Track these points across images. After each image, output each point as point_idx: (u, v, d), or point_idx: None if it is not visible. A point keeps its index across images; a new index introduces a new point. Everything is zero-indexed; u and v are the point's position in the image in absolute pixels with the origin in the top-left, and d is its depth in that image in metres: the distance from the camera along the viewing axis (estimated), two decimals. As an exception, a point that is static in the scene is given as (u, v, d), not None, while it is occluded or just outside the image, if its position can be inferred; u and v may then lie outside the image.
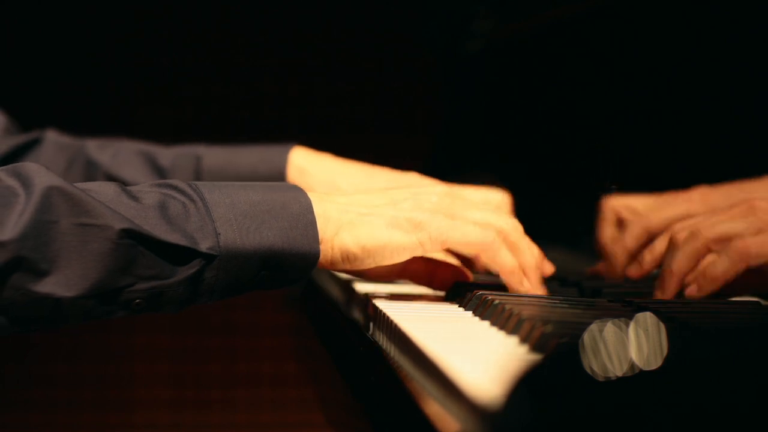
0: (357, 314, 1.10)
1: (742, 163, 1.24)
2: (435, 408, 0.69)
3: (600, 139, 1.44)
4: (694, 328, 0.80)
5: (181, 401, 2.71)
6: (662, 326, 0.55)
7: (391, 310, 0.95)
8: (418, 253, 0.99)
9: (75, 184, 0.91)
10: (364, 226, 0.98)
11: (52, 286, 0.89)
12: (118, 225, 0.90)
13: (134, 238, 0.90)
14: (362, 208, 0.99)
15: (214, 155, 1.32)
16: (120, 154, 1.33)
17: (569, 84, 1.52)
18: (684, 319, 0.84)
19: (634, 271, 1.11)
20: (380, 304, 0.99)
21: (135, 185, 0.96)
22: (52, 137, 1.36)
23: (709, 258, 1.00)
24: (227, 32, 2.66)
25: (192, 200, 0.94)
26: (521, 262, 1.01)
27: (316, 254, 0.96)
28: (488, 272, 1.17)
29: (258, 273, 0.95)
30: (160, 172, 1.32)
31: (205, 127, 2.67)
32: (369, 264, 0.99)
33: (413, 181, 1.21)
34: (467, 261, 1.15)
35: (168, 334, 2.68)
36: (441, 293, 1.09)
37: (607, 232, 1.24)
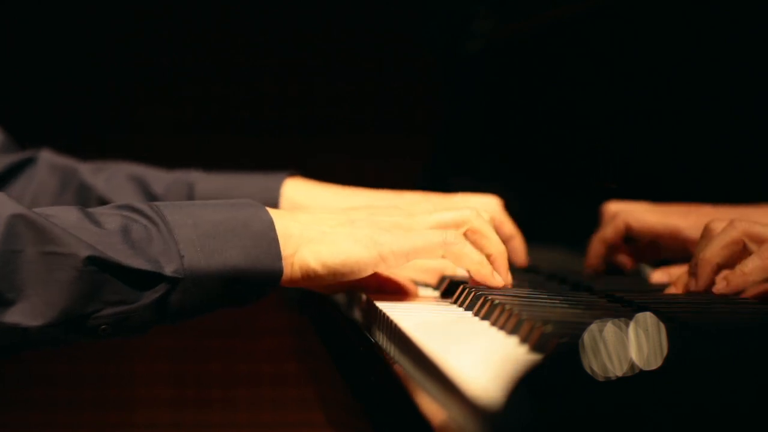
0: (357, 314, 1.10)
1: (742, 163, 1.24)
2: (435, 408, 0.69)
3: (600, 139, 1.44)
4: (694, 328, 0.80)
5: (181, 400, 2.71)
6: (662, 326, 0.55)
7: (391, 310, 0.95)
8: (381, 268, 0.99)
9: (37, 210, 0.91)
10: (325, 243, 0.98)
11: (18, 315, 0.89)
12: (83, 252, 0.90)
13: (99, 265, 0.90)
14: (324, 226, 0.99)
15: (207, 183, 1.32)
16: (114, 179, 1.33)
17: (569, 84, 1.52)
18: (684, 319, 0.84)
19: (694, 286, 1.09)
20: (380, 304, 0.99)
21: (98, 207, 0.95)
22: (46, 157, 1.35)
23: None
24: (227, 32, 2.66)
25: (154, 223, 0.94)
26: (487, 248, 1.01)
27: (280, 271, 0.96)
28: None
29: (223, 292, 0.95)
30: (152, 199, 1.31)
31: (205, 127, 2.67)
32: (330, 281, 0.99)
33: (407, 200, 1.21)
34: None
35: (169, 334, 2.68)
36: (440, 294, 1.09)
37: (603, 233, 1.24)
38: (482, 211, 1.03)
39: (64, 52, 2.62)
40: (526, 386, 0.55)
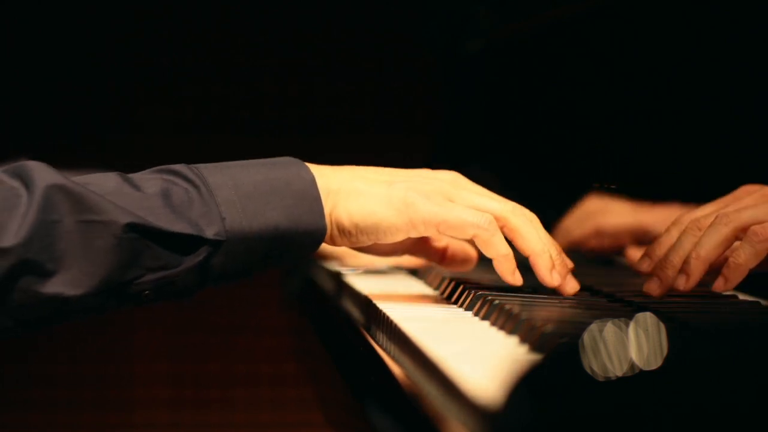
0: (356, 314, 1.10)
1: (742, 163, 1.24)
2: (435, 408, 0.69)
3: (600, 138, 1.44)
4: (694, 328, 0.80)
5: (180, 401, 2.71)
6: (662, 326, 0.55)
7: (391, 310, 0.95)
8: (412, 234, 0.98)
9: (75, 179, 0.91)
10: (358, 201, 0.97)
11: (59, 285, 0.88)
12: (123, 219, 0.89)
13: (139, 231, 0.90)
14: (362, 183, 0.98)
15: None
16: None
17: (569, 84, 1.52)
18: (684, 319, 0.84)
19: (645, 266, 1.06)
20: (380, 304, 0.99)
21: (138, 172, 0.95)
22: None
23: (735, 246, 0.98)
24: (227, 32, 2.66)
25: (194, 185, 0.93)
26: (524, 248, 0.99)
27: (323, 230, 0.95)
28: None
29: (266, 253, 0.94)
30: None
31: (205, 127, 2.67)
32: (364, 241, 0.98)
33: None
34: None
35: (168, 334, 2.68)
36: (440, 294, 1.09)
37: (576, 235, 1.25)
38: (523, 210, 1.00)
39: (64, 52, 2.62)
40: (526, 386, 0.55)
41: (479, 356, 0.76)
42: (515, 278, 0.99)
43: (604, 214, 1.24)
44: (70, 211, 0.89)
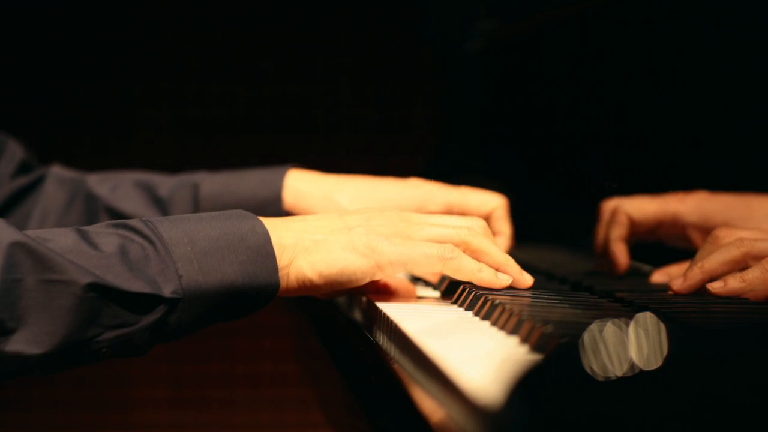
0: (357, 314, 1.10)
1: (741, 163, 1.24)
2: (435, 408, 0.69)
3: (600, 138, 1.44)
4: (694, 328, 0.80)
5: (180, 401, 2.71)
6: (662, 326, 0.55)
7: (392, 310, 0.95)
8: (378, 277, 0.98)
9: (32, 235, 0.90)
10: (320, 252, 0.97)
11: (20, 344, 0.89)
12: (83, 279, 0.89)
13: (99, 291, 0.90)
14: (318, 233, 0.98)
15: (211, 182, 1.32)
16: (120, 187, 1.33)
17: (569, 84, 1.52)
18: (684, 319, 0.84)
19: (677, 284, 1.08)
20: (381, 304, 0.99)
21: (94, 225, 0.95)
22: (54, 173, 1.36)
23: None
24: (227, 32, 2.66)
25: (150, 241, 0.93)
26: (491, 263, 1.00)
27: (276, 285, 0.96)
28: None
29: (219, 308, 0.94)
30: (159, 202, 1.32)
31: (206, 127, 2.67)
32: (327, 290, 0.98)
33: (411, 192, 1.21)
34: None
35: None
36: (440, 294, 1.09)
37: (615, 233, 1.23)
38: (477, 226, 1.02)
39: (64, 52, 2.62)
40: (526, 386, 0.55)
41: (479, 356, 0.76)
42: (501, 281, 1.00)
43: (631, 203, 1.23)
44: (32, 270, 0.89)
